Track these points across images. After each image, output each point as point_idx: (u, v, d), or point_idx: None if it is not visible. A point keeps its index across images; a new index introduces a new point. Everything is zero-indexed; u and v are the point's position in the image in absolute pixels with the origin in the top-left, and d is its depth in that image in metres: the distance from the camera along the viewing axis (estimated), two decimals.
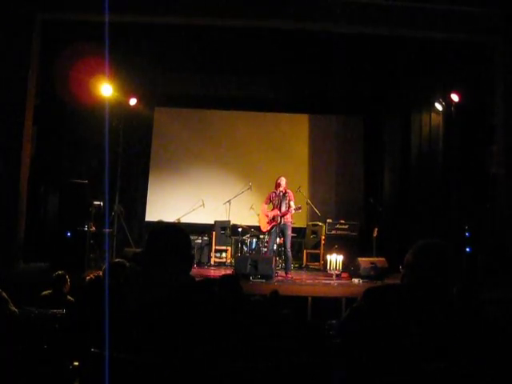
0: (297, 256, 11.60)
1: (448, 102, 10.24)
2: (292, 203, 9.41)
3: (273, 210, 9.75)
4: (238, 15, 8.66)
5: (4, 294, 4.95)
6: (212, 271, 10.41)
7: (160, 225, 2.48)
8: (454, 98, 9.85)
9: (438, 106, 10.69)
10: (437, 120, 11.01)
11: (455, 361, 2.34)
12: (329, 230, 11.07)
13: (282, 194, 9.60)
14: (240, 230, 11.07)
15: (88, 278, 5.50)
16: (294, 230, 10.24)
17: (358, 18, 8.56)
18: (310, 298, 7.93)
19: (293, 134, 13.34)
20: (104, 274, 4.21)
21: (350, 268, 9.65)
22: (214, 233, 11.52)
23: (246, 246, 10.82)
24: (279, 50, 10.39)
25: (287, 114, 13.39)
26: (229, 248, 11.49)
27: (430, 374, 2.29)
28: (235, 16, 8.68)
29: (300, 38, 9.76)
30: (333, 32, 9.34)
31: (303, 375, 2.25)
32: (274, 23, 8.94)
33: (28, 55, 8.47)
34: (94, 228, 9.35)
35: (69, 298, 5.93)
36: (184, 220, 11.44)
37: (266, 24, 9.00)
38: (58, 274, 6.09)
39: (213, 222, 11.75)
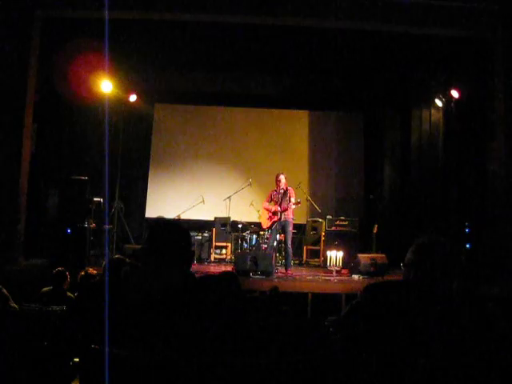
0: (297, 252, 11.60)
1: (448, 99, 10.25)
2: (293, 199, 9.40)
3: (274, 207, 9.75)
4: (237, 12, 8.64)
5: (4, 290, 4.96)
6: (212, 267, 10.41)
7: (160, 221, 2.48)
8: (454, 94, 9.86)
9: (438, 102, 10.69)
10: (437, 116, 11.02)
11: (454, 357, 2.34)
12: (329, 227, 11.09)
13: (282, 191, 9.59)
14: (240, 226, 11.08)
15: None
16: (294, 226, 10.24)
17: (357, 14, 8.54)
18: (310, 294, 7.94)
19: (293, 130, 13.34)
20: (104, 270, 4.21)
21: (349, 264, 9.66)
22: (214, 229, 11.53)
23: (246, 243, 10.83)
24: (279, 47, 10.37)
25: (287, 111, 13.39)
26: (229, 244, 11.49)
27: (428, 370, 2.30)
28: (234, 13, 8.66)
29: (300, 34, 9.73)
30: (333, 28, 9.32)
31: (303, 372, 2.26)
32: (274, 20, 8.92)
33: (27, 52, 8.45)
34: (94, 224, 9.36)
35: (69, 294, 5.94)
36: (184, 216, 11.45)
37: (265, 20, 8.98)
38: (58, 270, 6.09)
39: (213, 219, 11.76)
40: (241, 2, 8.55)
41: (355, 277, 9.25)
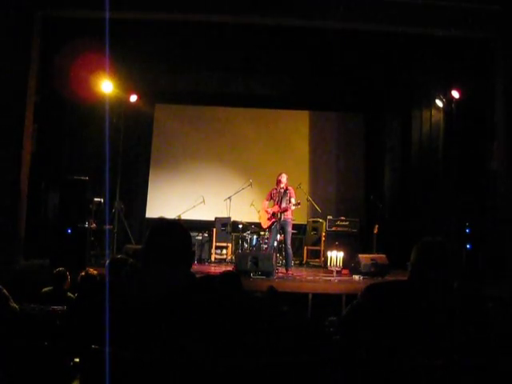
0: (297, 253, 11.60)
1: (448, 99, 10.24)
2: (293, 200, 9.40)
3: (273, 206, 9.76)
4: (238, 12, 8.64)
5: (4, 290, 4.96)
6: (212, 268, 10.41)
7: (160, 222, 2.48)
8: (455, 94, 9.85)
9: (439, 103, 10.68)
10: (437, 116, 11.00)
11: (455, 356, 2.34)
12: (329, 227, 11.07)
13: (282, 190, 9.60)
14: (240, 226, 11.07)
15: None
16: (295, 226, 10.23)
17: (358, 15, 8.55)
18: (310, 295, 7.92)
19: (293, 130, 13.34)
20: (106, 270, 4.21)
21: (350, 264, 9.65)
22: (214, 229, 11.52)
23: (247, 243, 10.82)
24: (280, 47, 10.37)
25: (288, 111, 13.39)
26: (229, 245, 11.49)
27: (430, 370, 2.30)
28: (236, 13, 8.67)
29: (300, 35, 9.74)
30: (333, 29, 9.33)
31: (303, 372, 2.25)
32: (275, 20, 8.93)
33: (28, 52, 8.45)
34: (94, 225, 9.36)
35: (69, 294, 5.94)
36: (184, 217, 11.45)
37: (266, 21, 8.99)
38: (59, 270, 6.09)
39: (213, 219, 11.75)
40: (242, 2, 8.55)
41: (356, 277, 9.25)
